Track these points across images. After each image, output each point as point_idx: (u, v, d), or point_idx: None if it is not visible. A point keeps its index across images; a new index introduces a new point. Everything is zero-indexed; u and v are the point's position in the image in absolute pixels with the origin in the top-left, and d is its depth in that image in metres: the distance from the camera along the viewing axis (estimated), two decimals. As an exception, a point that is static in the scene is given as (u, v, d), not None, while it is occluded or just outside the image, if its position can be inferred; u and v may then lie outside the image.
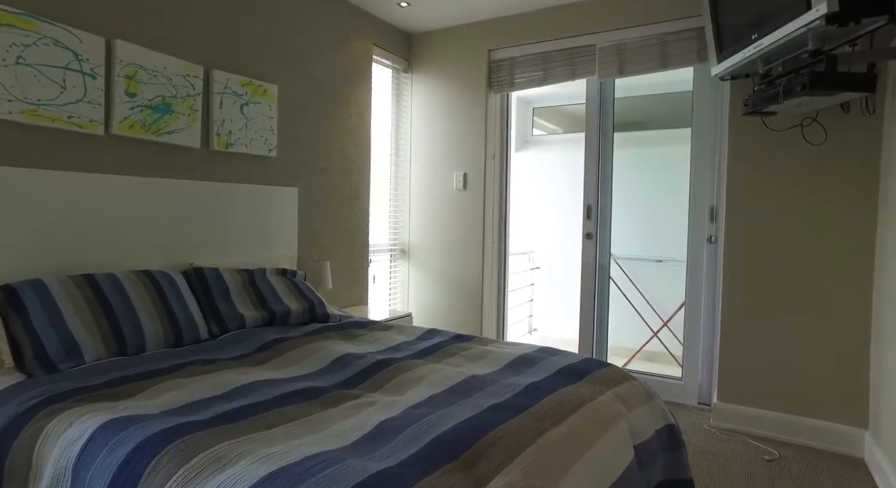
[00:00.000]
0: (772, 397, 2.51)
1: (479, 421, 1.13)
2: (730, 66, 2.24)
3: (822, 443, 2.40)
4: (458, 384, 1.41)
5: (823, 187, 2.39)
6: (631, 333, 3.97)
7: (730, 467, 2.19)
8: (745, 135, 2.53)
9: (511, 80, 3.24)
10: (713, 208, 2.84)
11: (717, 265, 2.82)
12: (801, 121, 2.38)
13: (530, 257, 4.75)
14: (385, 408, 1.24)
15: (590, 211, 3.21)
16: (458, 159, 3.45)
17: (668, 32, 2.75)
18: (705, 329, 2.89)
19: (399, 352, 1.81)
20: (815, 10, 1.78)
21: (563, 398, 1.33)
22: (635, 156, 4.11)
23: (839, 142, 2.34)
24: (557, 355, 1.78)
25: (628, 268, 4.08)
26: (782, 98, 2.00)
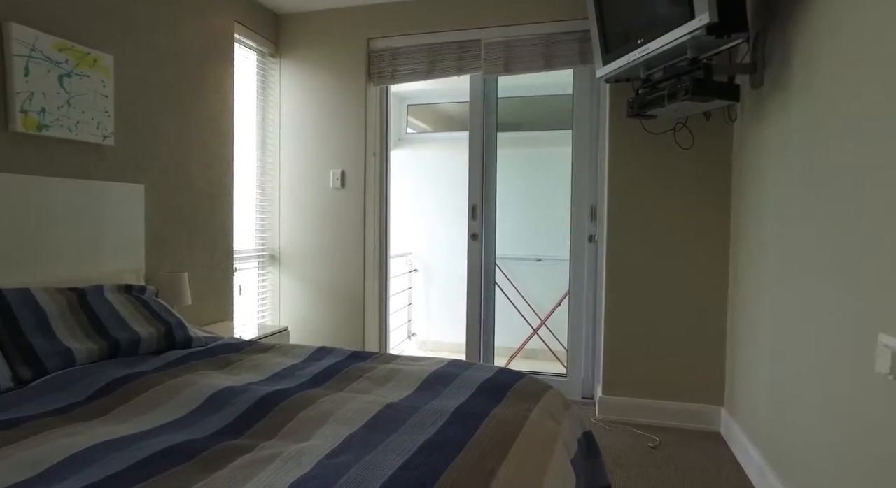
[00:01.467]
0: (649, 386, 2.65)
1: (418, 470, 0.92)
2: (615, 68, 2.30)
3: (691, 424, 2.59)
4: (374, 418, 1.18)
5: (691, 187, 2.57)
6: (511, 333, 4.02)
7: (621, 459, 2.25)
8: (625, 137, 2.63)
9: (393, 72, 3.04)
10: (594, 208, 2.93)
11: (597, 262, 2.92)
12: (674, 125, 2.54)
13: (408, 260, 4.60)
14: (291, 463, 0.97)
15: (475, 211, 3.14)
16: (335, 156, 3.15)
17: (553, 33, 2.78)
18: (588, 325, 2.98)
19: (288, 379, 1.52)
20: (699, 19, 1.86)
21: (497, 424, 1.17)
22: (517, 156, 4.17)
23: (703, 146, 2.54)
24: (470, 368, 1.62)
25: (508, 267, 4.12)
26: (667, 101, 2.08)
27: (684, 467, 2.18)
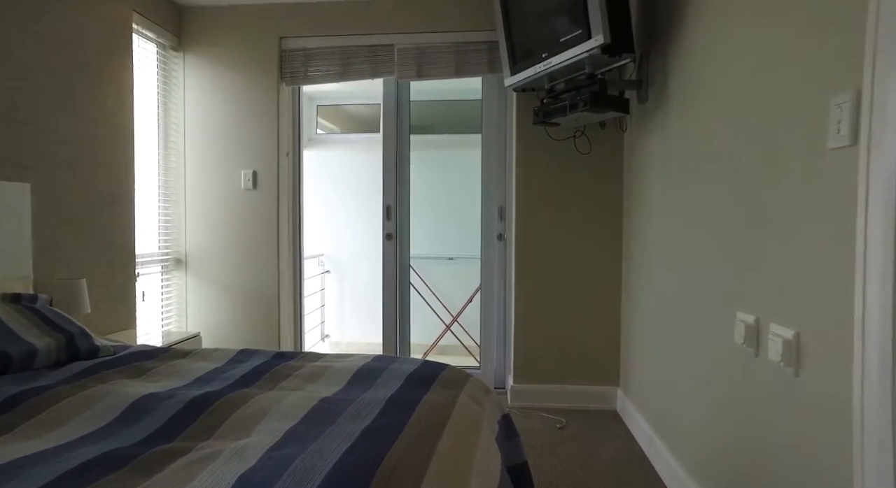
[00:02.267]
0: (555, 373, 2.89)
1: (362, 454, 0.98)
2: (522, 78, 2.48)
3: (593, 404, 2.86)
4: (311, 411, 1.22)
5: (589, 189, 2.84)
6: (425, 330, 4.13)
7: (533, 440, 2.43)
8: (530, 142, 2.84)
9: (305, 73, 3.02)
10: (502, 208, 3.12)
11: (506, 260, 3.11)
12: (574, 133, 2.78)
13: (320, 261, 4.55)
14: (235, 459, 0.99)
15: (389, 211, 3.20)
16: (246, 156, 3.07)
17: (463, 42, 2.92)
18: (498, 319, 3.16)
19: (214, 382, 1.50)
20: (595, 39, 2.08)
21: (430, 409, 1.26)
22: (429, 158, 4.28)
23: (599, 152, 2.81)
24: (396, 362, 1.70)
25: (422, 267, 4.23)
26: (569, 111, 2.29)
27: (587, 443, 2.41)
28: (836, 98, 1.07)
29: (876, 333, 0.96)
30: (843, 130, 1.05)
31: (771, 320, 1.32)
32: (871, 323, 0.97)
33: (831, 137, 1.09)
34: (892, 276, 0.93)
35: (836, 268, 1.08)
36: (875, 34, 0.97)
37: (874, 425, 0.96)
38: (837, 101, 1.07)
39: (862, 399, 1.00)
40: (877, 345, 0.96)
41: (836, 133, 1.07)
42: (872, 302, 0.97)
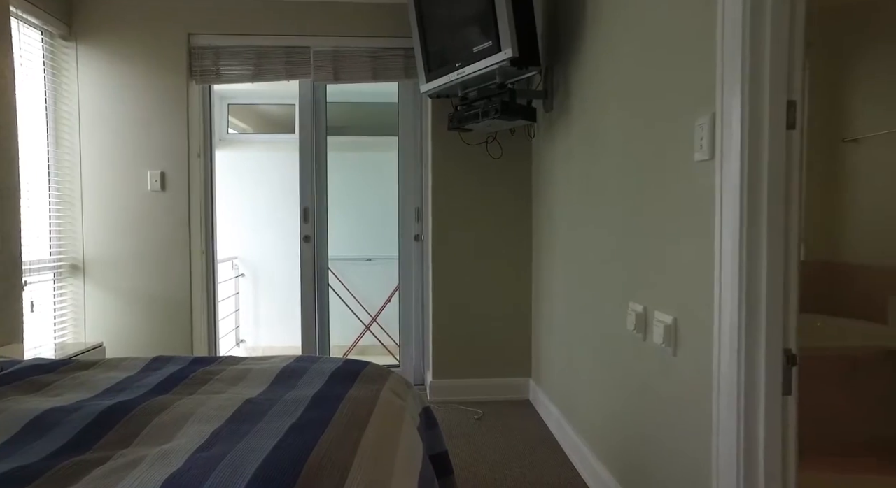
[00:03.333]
0: (472, 367, 3.03)
1: (291, 447, 1.02)
2: (437, 86, 2.59)
3: (508, 395, 3.03)
4: (236, 412, 1.23)
5: (501, 191, 3.00)
6: (344, 331, 4.14)
7: (452, 431, 2.55)
8: (445, 146, 2.96)
9: (217, 72, 2.93)
10: (419, 209, 3.21)
11: (423, 260, 3.21)
12: (486, 138, 2.93)
13: (234, 264, 4.40)
14: (160, 463, 0.99)
15: (307, 213, 3.19)
16: (153, 156, 2.92)
17: (378, 47, 2.98)
18: (416, 317, 3.25)
19: (127, 392, 1.45)
20: (504, 53, 2.23)
21: (354, 403, 1.32)
22: (346, 160, 4.28)
23: (509, 156, 2.98)
24: (318, 362, 1.73)
25: (340, 268, 4.22)
26: (481, 118, 2.43)
27: (503, 431, 2.57)
28: (699, 119, 1.27)
29: (728, 315, 1.16)
30: (705, 146, 1.24)
31: (656, 308, 1.52)
32: (725, 307, 1.17)
33: (696, 151, 1.28)
34: (738, 267, 1.13)
35: (703, 261, 1.28)
36: (721, 70, 1.17)
37: (726, 391, 1.16)
38: (700, 122, 1.26)
39: (718, 369, 1.19)
40: (728, 325, 1.15)
41: (699, 148, 1.27)
42: (726, 289, 1.16)
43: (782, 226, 1.12)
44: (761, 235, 1.11)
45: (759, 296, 1.12)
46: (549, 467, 2.18)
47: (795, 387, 1.15)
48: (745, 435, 1.12)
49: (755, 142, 1.11)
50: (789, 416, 1.13)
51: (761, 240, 1.11)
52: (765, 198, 1.11)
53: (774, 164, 1.11)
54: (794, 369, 1.13)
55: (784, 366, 1.13)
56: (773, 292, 1.11)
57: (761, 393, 1.12)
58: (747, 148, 1.11)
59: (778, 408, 1.12)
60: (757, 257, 1.12)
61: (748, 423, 1.12)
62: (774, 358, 1.12)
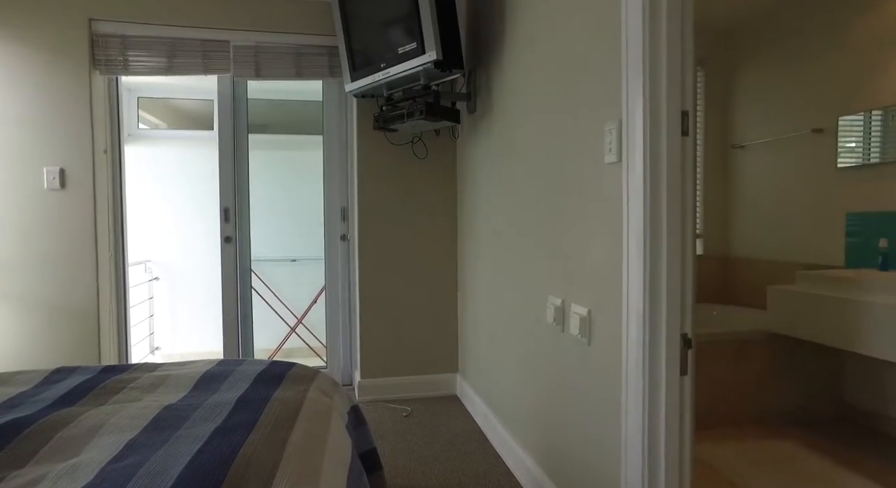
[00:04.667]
0: (400, 366, 3.05)
1: (215, 452, 1.00)
2: (362, 85, 2.59)
3: (436, 392, 3.08)
4: (154, 420, 1.19)
5: (427, 191, 3.05)
6: (270, 334, 4.02)
7: (381, 430, 2.57)
8: (371, 146, 2.96)
9: (125, 63, 2.76)
10: (345, 209, 3.19)
11: (350, 260, 3.19)
12: (411, 139, 2.97)
13: (147, 267, 4.14)
14: (66, 479, 0.93)
15: (227, 213, 3.08)
16: (50, 151, 2.69)
17: (302, 44, 2.92)
18: (344, 318, 3.23)
19: (23, 407, 1.35)
20: (428, 55, 2.27)
21: (281, 404, 1.31)
22: (269, 158, 4.15)
23: (435, 157, 3.04)
24: (242, 364, 1.69)
25: (264, 269, 4.09)
26: (406, 119, 2.46)
27: (431, 427, 2.62)
28: (608, 124, 1.37)
29: (634, 305, 1.27)
30: (613, 149, 1.35)
31: (573, 301, 1.62)
32: (632, 297, 1.28)
33: (606, 154, 1.39)
34: (643, 261, 1.24)
35: (613, 256, 1.39)
36: (626, 82, 1.28)
37: (633, 374, 1.27)
38: (609, 127, 1.37)
39: (626, 354, 1.30)
40: (634, 314, 1.26)
41: (609, 151, 1.37)
42: (633, 281, 1.27)
43: (679, 224, 1.24)
44: (661, 232, 1.23)
45: (659, 287, 1.23)
46: (475, 458, 2.25)
47: (691, 368, 1.27)
48: (648, 413, 1.24)
49: (655, 146, 1.23)
50: (686, 394, 1.26)
51: (661, 236, 1.23)
52: (664, 198, 1.23)
53: (672, 168, 1.23)
54: (689, 352, 1.26)
55: (681, 348, 1.25)
56: (672, 283, 1.23)
57: (662, 374, 1.23)
58: (649, 152, 1.22)
59: (676, 387, 1.24)
60: (658, 252, 1.23)
61: (651, 402, 1.24)
62: (673, 342, 1.24)
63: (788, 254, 3.02)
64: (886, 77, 2.47)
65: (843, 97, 2.68)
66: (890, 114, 2.45)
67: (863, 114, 2.57)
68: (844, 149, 2.66)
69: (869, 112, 2.54)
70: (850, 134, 2.64)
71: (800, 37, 2.94)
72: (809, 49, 2.87)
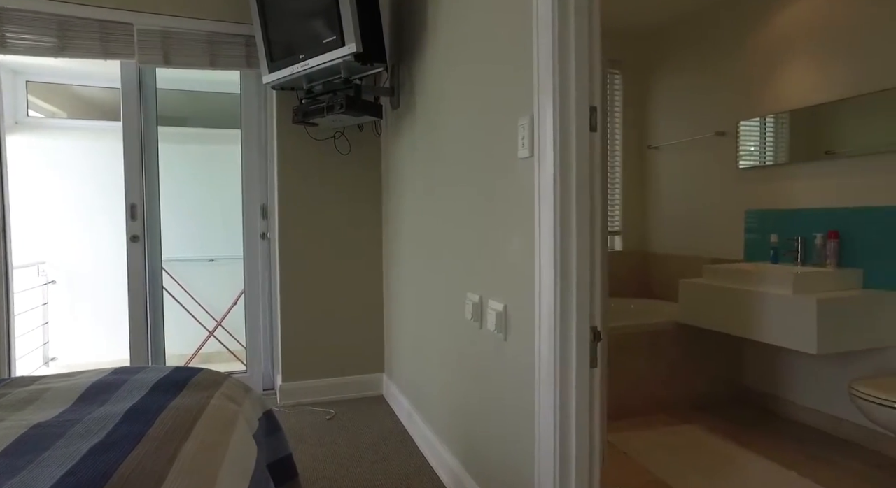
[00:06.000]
0: (324, 367, 2.96)
1: (87, 472, 0.90)
2: (280, 77, 2.48)
3: (361, 392, 3.02)
4: (17, 442, 1.05)
5: (350, 188, 2.97)
6: (186, 339, 3.77)
7: (303, 434, 2.47)
8: (292, 141, 2.85)
9: (3, 40, 2.48)
10: (265, 206, 3.05)
11: (270, 259, 3.06)
12: (333, 134, 2.88)
13: (40, 269, 3.77)
14: None
15: (135, 210, 2.86)
16: (-85, 137, 2.37)
17: (217, 32, 2.76)
18: (265, 320, 3.09)
19: None
20: (347, 47, 2.21)
21: (176, 413, 1.21)
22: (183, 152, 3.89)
23: (359, 153, 2.97)
24: (140, 372, 1.56)
25: (178, 270, 3.84)
26: (326, 113, 2.38)
27: (355, 429, 2.55)
28: (521, 120, 1.38)
29: (546, 299, 1.28)
30: (526, 144, 1.36)
31: (490, 297, 1.62)
32: (544, 292, 1.29)
33: (519, 149, 1.39)
34: (553, 256, 1.25)
35: (527, 251, 1.39)
36: (537, 78, 1.29)
37: (545, 367, 1.28)
38: (521, 122, 1.37)
39: (539, 348, 1.31)
40: (546, 308, 1.27)
41: (522, 146, 1.38)
42: (545, 276, 1.28)
43: (588, 218, 1.26)
44: (571, 226, 1.25)
45: (569, 281, 1.25)
46: (398, 458, 2.21)
47: (601, 360, 1.30)
48: (560, 406, 1.25)
49: (565, 141, 1.24)
50: (595, 386, 1.28)
51: (571, 230, 1.25)
52: (573, 192, 1.24)
53: (581, 162, 1.25)
54: (599, 344, 1.29)
55: (591, 341, 1.27)
56: (581, 277, 1.25)
57: (573, 366, 1.25)
58: (558, 147, 1.24)
59: (586, 379, 1.26)
60: (568, 246, 1.25)
61: (562, 395, 1.25)
62: (583, 335, 1.26)
63: (699, 249, 3.21)
64: (778, 86, 2.67)
65: (743, 103, 2.88)
66: (780, 120, 2.66)
67: (759, 119, 2.77)
68: (745, 152, 2.86)
69: (764, 117, 2.74)
70: (749, 137, 2.83)
71: (707, 44, 3.12)
72: (715, 56, 3.06)
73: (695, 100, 3.21)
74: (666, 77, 3.44)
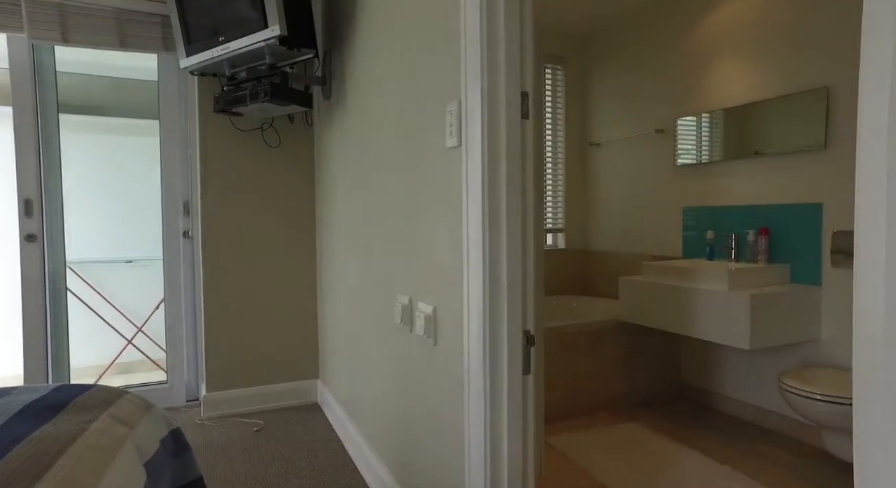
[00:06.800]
0: (254, 375, 2.76)
1: None
2: (199, 61, 2.26)
3: (295, 400, 2.84)
4: None
5: (281, 183, 2.78)
6: (100, 349, 3.45)
7: (227, 449, 2.28)
8: (215, 132, 2.63)
9: None
10: (187, 202, 2.81)
11: (194, 259, 2.82)
12: (261, 125, 2.68)
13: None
14: None
15: (30, 206, 2.56)
16: None
17: (127, 9, 2.50)
18: (188, 325, 2.85)
19: None
20: (271, 29, 2.03)
21: (38, 444, 1.02)
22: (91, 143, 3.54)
23: (289, 145, 2.78)
24: (9, 394, 1.34)
25: (89, 273, 3.50)
26: (249, 101, 2.19)
27: (285, 441, 2.37)
28: (450, 106, 1.27)
29: (475, 301, 1.17)
30: (454, 133, 1.24)
31: (420, 299, 1.50)
32: (473, 293, 1.18)
33: (447, 138, 1.28)
34: (482, 254, 1.15)
35: (456, 248, 1.28)
36: (465, 61, 1.18)
37: (475, 375, 1.18)
38: (450, 108, 1.26)
39: (468, 354, 1.20)
40: (475, 311, 1.17)
41: (450, 134, 1.27)
42: (473, 276, 1.18)
43: (519, 214, 1.16)
44: (500, 221, 1.15)
45: (500, 281, 1.15)
46: (330, 471, 2.07)
47: (535, 366, 1.21)
48: (490, 417, 1.15)
49: (494, 129, 1.14)
50: (528, 394, 1.19)
51: (501, 226, 1.15)
52: (503, 184, 1.14)
53: (511, 152, 1.15)
54: (532, 349, 1.20)
55: (523, 346, 1.18)
56: (512, 276, 1.16)
57: (504, 374, 1.15)
58: (487, 135, 1.13)
59: (519, 387, 1.17)
60: (497, 243, 1.14)
61: (493, 404, 1.15)
62: (514, 339, 1.16)
63: (639, 246, 3.22)
64: (713, 85, 2.70)
65: (681, 100, 2.90)
66: (714, 118, 2.68)
67: (695, 117, 2.79)
68: (682, 150, 2.88)
69: (699, 115, 2.77)
70: (686, 135, 2.85)
71: (646, 42, 3.13)
72: (654, 54, 3.07)
73: (635, 97, 3.22)
74: (608, 74, 3.44)
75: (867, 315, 0.49)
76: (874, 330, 0.48)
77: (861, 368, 0.49)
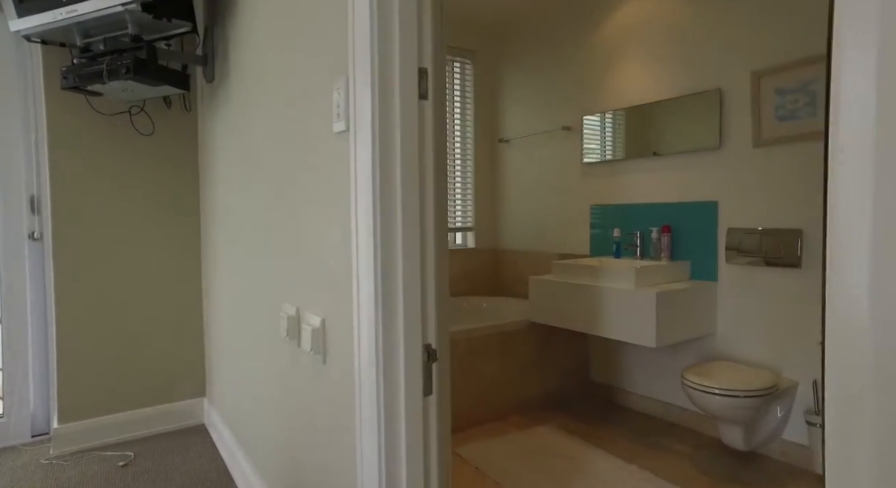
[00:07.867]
0: (125, 398, 2.38)
1: None
2: (36, 25, 1.87)
3: (176, 423, 2.49)
4: None
5: (158, 175, 2.42)
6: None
7: (84, 494, 1.92)
8: (68, 115, 2.22)
9: None
10: (35, 198, 2.37)
11: (43, 266, 2.38)
12: (129, 108, 2.31)
13: None
14: None
15: None
16: None
17: (-61, -42, 2.03)
18: (36, 345, 2.40)
19: None
20: (131, -9, 1.72)
21: None
22: None
23: (166, 133, 2.43)
24: None
25: None
26: (107, 78, 1.85)
27: (158, 474, 2.05)
28: (336, 83, 1.08)
29: (366, 312, 0.99)
30: (341, 115, 1.06)
31: (307, 309, 1.30)
32: (363, 302, 1.00)
33: (334, 121, 1.09)
34: (373, 256, 0.97)
35: (345, 251, 1.09)
36: (353, 35, 1.00)
37: (367, 397, 1.00)
38: (337, 86, 1.07)
39: (359, 373, 1.02)
40: (366, 323, 0.99)
41: (337, 117, 1.08)
42: (363, 282, 1.00)
43: (417, 210, 1.00)
44: (395, 221, 0.98)
45: (394, 289, 0.98)
46: (210, 510, 1.79)
47: (438, 385, 1.05)
48: (385, 448, 0.98)
49: (386, 111, 0.97)
50: (431, 418, 1.03)
51: (396, 226, 0.98)
52: (397, 176, 0.97)
53: (407, 138, 0.98)
54: (434, 365, 1.04)
55: (424, 363, 1.02)
56: (409, 283, 0.99)
57: (400, 395, 0.99)
58: (377, 117, 0.96)
59: (418, 411, 1.01)
60: (391, 243, 0.97)
61: (388, 433, 0.98)
62: (413, 356, 1.00)
63: (549, 244, 3.20)
64: (616, 83, 2.72)
65: (586, 98, 2.90)
66: (617, 117, 2.70)
67: (599, 115, 2.80)
68: (588, 147, 2.88)
69: (604, 113, 2.78)
70: (591, 133, 2.86)
71: (554, 39, 3.11)
72: (562, 51, 3.05)
73: (544, 93, 3.19)
74: (518, 69, 3.39)
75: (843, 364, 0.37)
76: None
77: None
